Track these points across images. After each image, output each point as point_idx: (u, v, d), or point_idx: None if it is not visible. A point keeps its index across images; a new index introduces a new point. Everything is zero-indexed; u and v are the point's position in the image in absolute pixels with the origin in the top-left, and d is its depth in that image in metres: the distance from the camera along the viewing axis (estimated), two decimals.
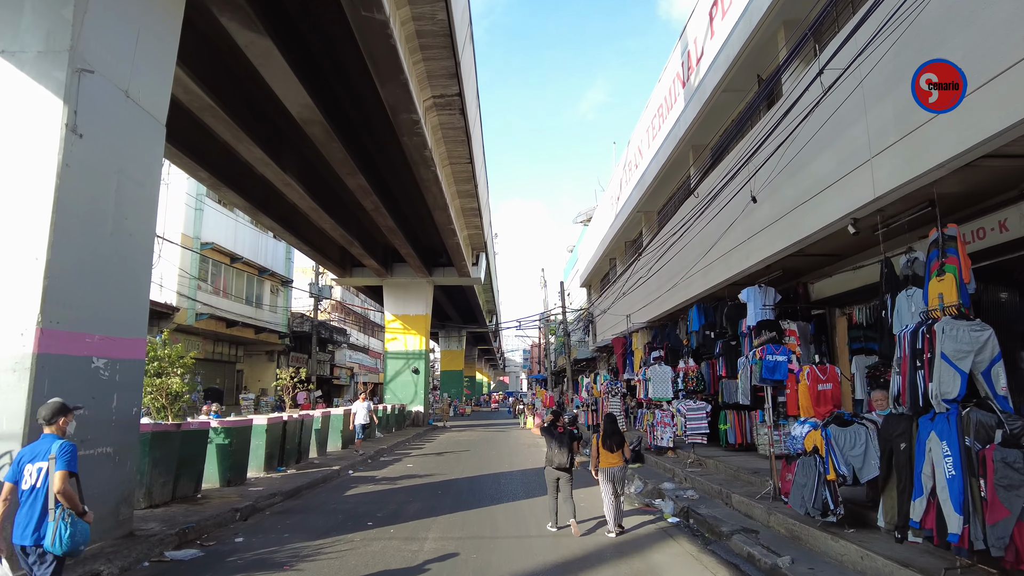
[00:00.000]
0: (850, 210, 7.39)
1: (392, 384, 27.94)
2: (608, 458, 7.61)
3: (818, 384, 6.89)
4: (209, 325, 26.98)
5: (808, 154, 8.17)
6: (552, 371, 44.67)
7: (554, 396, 26.21)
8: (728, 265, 11.63)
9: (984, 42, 5.38)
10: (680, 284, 14.26)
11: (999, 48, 5.20)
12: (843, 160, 7.48)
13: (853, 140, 7.28)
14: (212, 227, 27.12)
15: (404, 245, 22.12)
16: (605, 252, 23.79)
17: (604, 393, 18.18)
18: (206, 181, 15.91)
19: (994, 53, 5.23)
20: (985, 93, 5.26)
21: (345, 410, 16.65)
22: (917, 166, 6.09)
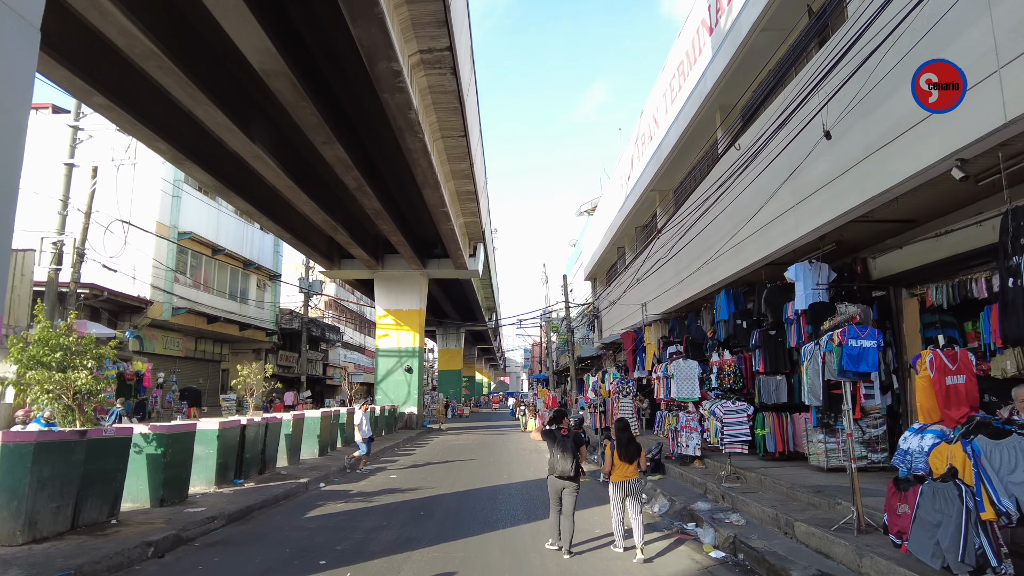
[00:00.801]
0: (960, 146, 5.52)
1: (383, 384, 26.07)
2: (623, 470, 6.63)
3: (946, 376, 5.00)
4: (188, 321, 25.16)
5: (895, 81, 6.29)
6: (554, 370, 42.79)
7: (556, 396, 24.33)
8: (766, 240, 9.77)
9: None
10: (704, 268, 12.40)
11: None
12: None
13: (969, 49, 5.42)
14: (191, 216, 25.30)
15: (394, 232, 20.26)
16: (612, 240, 21.92)
17: (614, 393, 16.31)
18: (166, 154, 14.05)
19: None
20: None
21: (324, 412, 14.80)
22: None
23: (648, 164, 16.15)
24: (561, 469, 6.43)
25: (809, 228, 8.32)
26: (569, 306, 28.25)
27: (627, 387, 16.02)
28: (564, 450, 6.50)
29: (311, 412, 14.50)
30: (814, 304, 8.58)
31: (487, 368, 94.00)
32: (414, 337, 26.15)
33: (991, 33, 5.17)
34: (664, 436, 11.81)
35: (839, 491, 6.95)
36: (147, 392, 22.56)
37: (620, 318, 20.92)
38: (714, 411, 9.36)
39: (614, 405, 16.66)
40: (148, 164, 22.94)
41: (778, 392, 10.13)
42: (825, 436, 8.31)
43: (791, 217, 8.83)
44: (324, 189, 17.81)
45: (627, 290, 17.25)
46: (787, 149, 8.19)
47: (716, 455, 11.17)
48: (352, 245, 21.91)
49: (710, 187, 10.95)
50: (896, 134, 6.38)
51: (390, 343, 26.29)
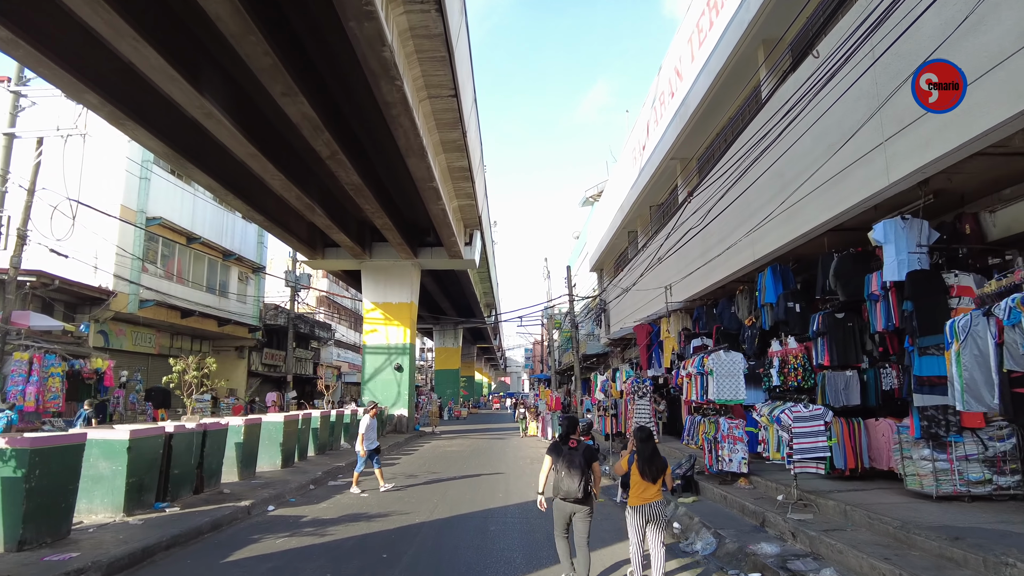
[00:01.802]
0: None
1: (371, 383, 23.86)
2: (644, 490, 5.52)
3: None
4: (159, 315, 22.98)
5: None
6: (557, 370, 40.57)
7: (560, 397, 22.10)
8: (835, 196, 7.56)
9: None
10: (742, 242, 10.20)
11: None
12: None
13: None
14: (162, 201, 23.12)
15: (379, 213, 18.06)
16: (623, 224, 19.70)
17: (628, 394, 14.12)
18: (100, 110, 11.86)
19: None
20: None
21: (289, 416, 12.60)
22: None
23: (669, 127, 13.94)
24: (568, 489, 5.27)
25: (911, 168, 6.11)
26: (573, 299, 26.04)
27: (643, 387, 13.83)
28: (572, 466, 5.30)
29: (271, 416, 12.31)
30: (913, 273, 6.37)
31: (487, 368, 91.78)
32: (405, 332, 23.94)
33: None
34: (697, 447, 9.58)
35: (992, 538, 4.74)
36: (109, 392, 20.42)
37: (632, 310, 18.72)
38: (779, 418, 7.11)
39: (628, 408, 14.46)
40: (110, 141, 20.80)
41: (848, 392, 7.91)
42: (933, 452, 6.09)
43: (878, 158, 6.62)
44: (294, 159, 15.62)
45: (643, 275, 15.03)
46: (881, 61, 5.98)
47: (767, 471, 8.94)
48: (333, 229, 19.70)
49: (751, 140, 8.76)
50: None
51: (378, 339, 24.08)
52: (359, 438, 10.44)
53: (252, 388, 32.39)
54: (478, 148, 19.10)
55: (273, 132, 14.15)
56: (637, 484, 5.51)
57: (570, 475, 5.24)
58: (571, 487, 5.21)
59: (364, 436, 10.42)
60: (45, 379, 16.25)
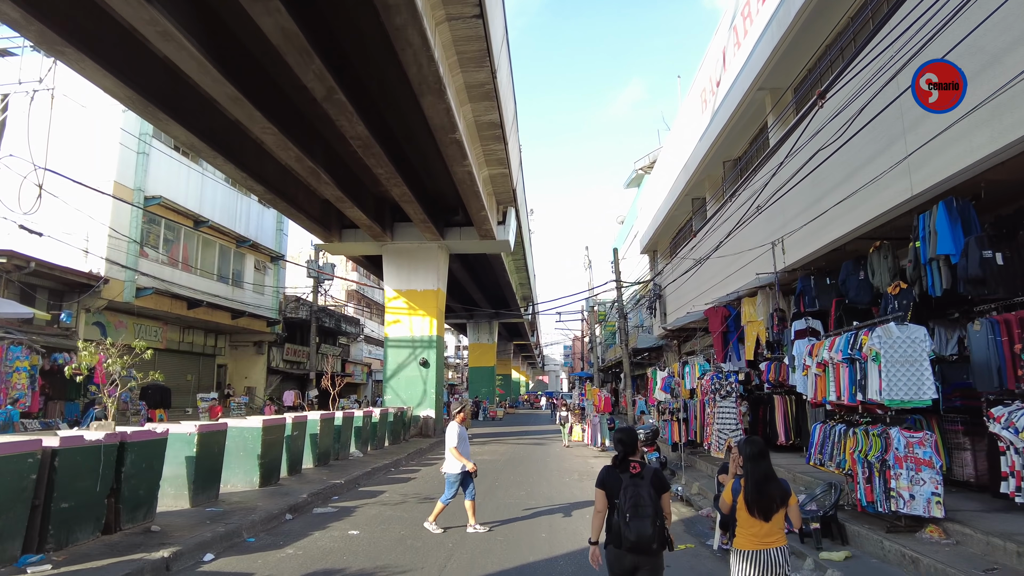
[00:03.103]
0: None
1: (393, 381, 21.16)
2: (757, 531, 3.82)
3: None
4: (160, 304, 20.78)
5: None
6: (600, 367, 37.30)
7: (609, 396, 18.95)
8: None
9: None
10: (884, 178, 6.99)
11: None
12: None
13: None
14: (163, 179, 20.96)
15: (394, 179, 15.25)
16: (686, 189, 16.44)
17: (706, 393, 10.95)
18: (28, 30, 9.32)
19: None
20: None
21: (270, 421, 9.87)
22: None
23: (756, 47, 10.70)
24: (638, 537, 3.59)
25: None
26: (621, 285, 22.84)
27: (727, 384, 10.66)
28: (639, 503, 3.66)
29: (244, 422, 9.58)
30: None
31: (524, 366, 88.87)
32: (431, 323, 21.17)
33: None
34: (841, 471, 6.37)
35: None
36: (100, 390, 18.24)
37: (696, 293, 15.52)
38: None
39: (704, 411, 11.29)
40: (103, 110, 18.68)
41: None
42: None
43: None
44: (287, 108, 12.98)
45: (721, 245, 11.80)
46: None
47: (975, 515, 5.71)
48: (345, 203, 17.01)
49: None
50: None
51: (401, 331, 21.37)
52: (449, 453, 7.48)
53: (272, 386, 30.22)
54: (511, 100, 16.14)
55: (254, 66, 11.48)
56: (746, 522, 3.89)
57: (638, 516, 3.67)
58: (641, 533, 3.64)
59: (458, 450, 7.45)
60: (8, 374, 14.06)
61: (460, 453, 7.43)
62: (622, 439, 4.08)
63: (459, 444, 7.48)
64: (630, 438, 4.09)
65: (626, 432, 4.16)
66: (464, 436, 7.66)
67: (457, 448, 7.43)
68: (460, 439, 7.51)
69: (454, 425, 7.61)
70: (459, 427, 7.62)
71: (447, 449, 7.48)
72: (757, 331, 12.27)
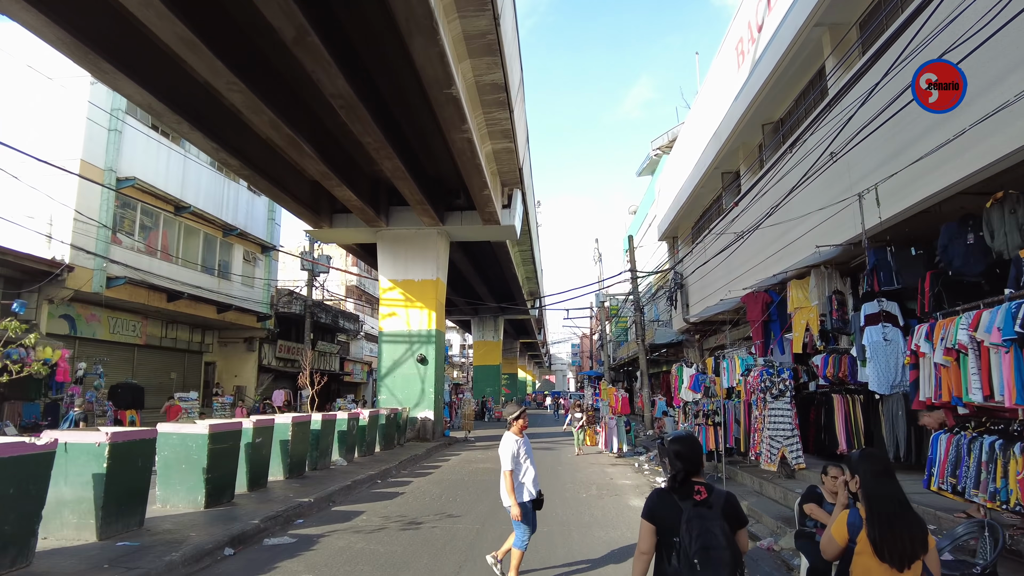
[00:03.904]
0: None
1: (389, 379, 19.35)
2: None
3: None
4: (135, 296, 19.05)
5: None
6: (612, 365, 35.37)
7: (626, 396, 17.03)
8: None
9: None
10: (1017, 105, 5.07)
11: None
12: None
13: None
14: (139, 159, 19.22)
15: (384, 149, 13.41)
16: (715, 162, 14.51)
17: (755, 392, 9.06)
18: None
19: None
20: None
21: (219, 426, 8.05)
22: None
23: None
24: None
25: None
26: (637, 276, 20.93)
27: (782, 381, 8.77)
28: (707, 543, 2.60)
29: (187, 427, 7.77)
30: None
31: (531, 366, 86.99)
32: (429, 316, 19.34)
33: None
34: (1003, 507, 4.43)
35: None
36: (64, 389, 16.55)
37: (726, 280, 13.64)
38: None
39: (751, 414, 9.40)
40: (69, 81, 16.99)
41: None
42: None
43: None
44: (257, 61, 11.15)
45: (774, 210, 9.86)
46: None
47: None
48: (331, 179, 15.19)
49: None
50: None
51: (397, 324, 19.55)
52: (504, 479, 5.19)
53: (264, 385, 28.49)
54: (516, 63, 14.27)
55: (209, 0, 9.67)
56: (868, 573, 2.67)
57: (709, 563, 2.53)
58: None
59: (512, 474, 5.19)
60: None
61: (516, 478, 5.20)
62: (681, 451, 2.88)
63: (515, 466, 5.20)
64: (692, 451, 2.90)
65: (686, 443, 2.95)
66: (525, 452, 5.35)
67: (511, 473, 5.14)
68: (517, 459, 5.21)
69: (510, 438, 5.31)
70: (517, 440, 5.30)
71: (502, 472, 5.23)
72: (807, 319, 10.39)
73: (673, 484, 2.82)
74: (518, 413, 5.45)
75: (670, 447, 2.96)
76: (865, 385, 8.62)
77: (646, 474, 12.28)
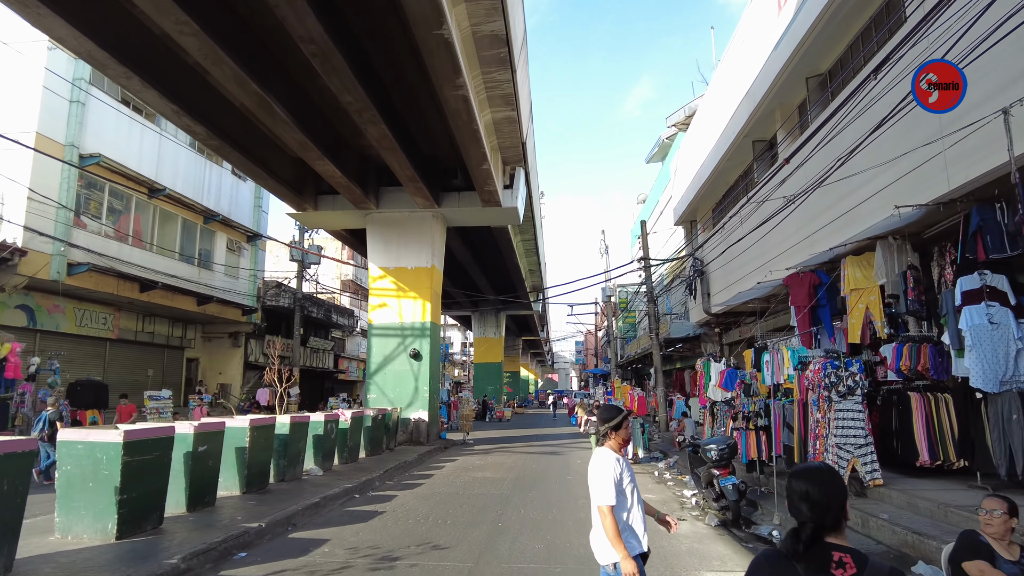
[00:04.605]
0: None
1: (379, 376, 17.63)
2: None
3: None
4: (103, 285, 17.38)
5: None
6: (619, 362, 33.60)
7: (643, 396, 15.24)
8: None
9: None
10: None
11: None
12: None
13: None
14: (106, 135, 17.53)
15: (369, 113, 11.68)
16: (743, 131, 12.75)
17: (816, 389, 7.32)
18: None
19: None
20: None
21: (136, 432, 6.34)
22: None
23: None
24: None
25: None
26: (650, 265, 19.17)
27: (851, 376, 7.03)
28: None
29: (96, 434, 6.06)
30: None
31: (533, 364, 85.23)
32: (423, 308, 17.61)
33: None
34: None
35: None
36: (14, 387, 14.83)
37: (757, 264, 11.93)
38: None
39: (808, 416, 7.67)
40: (24, 46, 15.32)
41: None
42: None
43: None
44: None
45: (829, 173, 8.10)
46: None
47: None
48: (311, 151, 13.46)
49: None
50: None
51: (388, 316, 17.83)
52: (604, 519, 3.14)
53: (250, 383, 26.80)
54: (520, 11, 12.52)
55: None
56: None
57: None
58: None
59: (614, 512, 3.15)
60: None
61: (623, 518, 3.23)
62: (810, 493, 1.78)
63: (620, 498, 3.23)
64: (829, 493, 1.76)
65: (820, 479, 1.80)
66: (630, 479, 3.32)
67: (611, 512, 3.15)
68: (620, 488, 3.23)
69: (608, 457, 3.31)
70: (618, 461, 3.30)
71: (594, 505, 3.25)
72: (867, 302, 8.66)
73: (795, 546, 1.74)
74: (618, 420, 3.40)
75: (793, 485, 1.84)
76: (958, 380, 6.90)
77: (670, 485, 10.54)
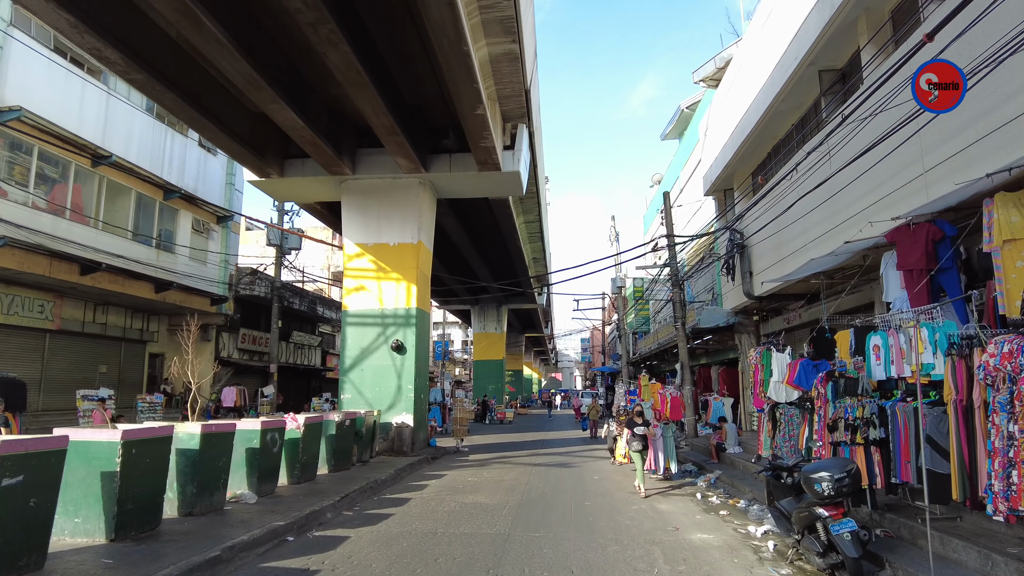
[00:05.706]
0: None
1: (355, 372, 14.83)
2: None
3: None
4: (28, 265, 14.63)
5: None
6: (630, 360, 30.75)
7: (679, 396, 12.38)
8: None
9: None
10: None
11: None
12: None
13: None
14: (33, 87, 14.75)
15: (328, 34, 8.91)
16: (807, 59, 9.92)
17: (996, 383, 4.41)
18: None
19: None
20: None
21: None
22: None
23: None
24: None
25: None
26: (675, 243, 16.31)
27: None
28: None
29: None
30: None
31: (537, 362, 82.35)
32: (408, 291, 14.80)
33: None
34: None
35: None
36: None
37: (823, 230, 9.16)
38: None
39: (969, 428, 4.78)
40: None
41: None
42: None
43: None
44: None
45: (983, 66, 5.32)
46: None
47: None
48: (262, 90, 10.63)
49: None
50: None
51: (366, 301, 15.02)
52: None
53: (222, 381, 24.04)
54: None
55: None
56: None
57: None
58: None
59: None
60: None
61: None
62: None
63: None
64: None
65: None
66: None
67: None
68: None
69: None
70: None
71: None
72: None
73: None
74: None
75: None
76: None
77: (724, 516, 7.74)
